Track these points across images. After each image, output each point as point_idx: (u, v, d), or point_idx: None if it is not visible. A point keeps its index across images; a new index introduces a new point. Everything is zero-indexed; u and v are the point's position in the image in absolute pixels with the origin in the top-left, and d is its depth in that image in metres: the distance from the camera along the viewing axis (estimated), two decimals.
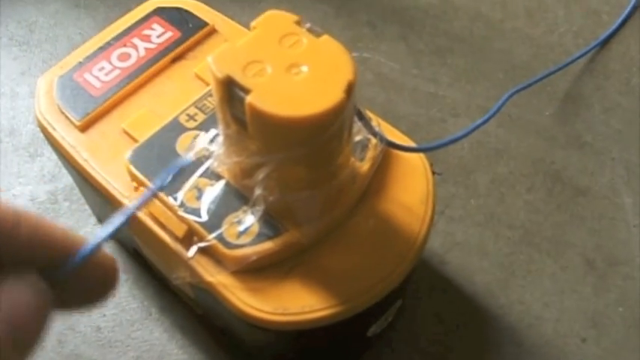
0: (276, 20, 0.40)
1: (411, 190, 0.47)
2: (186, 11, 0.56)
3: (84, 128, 0.50)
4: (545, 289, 0.59)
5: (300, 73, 0.37)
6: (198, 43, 0.55)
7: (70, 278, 0.29)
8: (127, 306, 0.58)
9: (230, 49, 0.38)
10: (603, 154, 0.67)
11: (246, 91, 0.36)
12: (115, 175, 0.48)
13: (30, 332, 0.27)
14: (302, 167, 0.40)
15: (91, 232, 0.62)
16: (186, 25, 0.55)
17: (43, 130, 0.52)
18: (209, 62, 0.38)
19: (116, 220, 0.32)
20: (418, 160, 0.48)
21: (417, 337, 0.57)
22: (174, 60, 0.54)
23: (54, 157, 0.67)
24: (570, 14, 0.78)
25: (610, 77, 0.73)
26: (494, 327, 0.57)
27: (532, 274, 0.60)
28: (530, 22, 0.78)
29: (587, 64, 0.74)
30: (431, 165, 0.48)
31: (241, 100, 0.37)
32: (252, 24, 0.40)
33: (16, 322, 0.27)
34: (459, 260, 0.60)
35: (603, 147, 0.68)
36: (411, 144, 0.48)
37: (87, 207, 0.63)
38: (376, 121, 0.45)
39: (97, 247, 0.30)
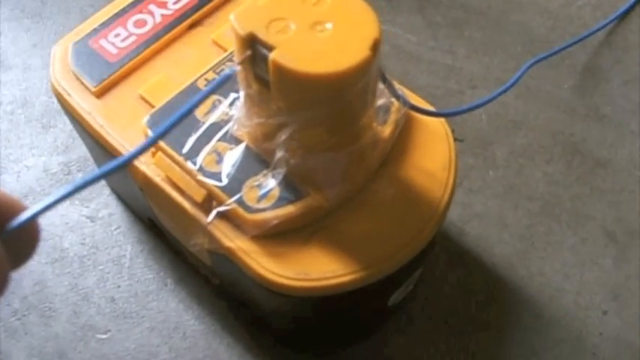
0: None
1: (433, 156, 0.46)
2: None
3: (100, 94, 0.50)
4: (566, 261, 0.58)
5: (325, 30, 0.37)
6: (216, 9, 0.54)
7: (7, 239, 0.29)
8: (142, 277, 0.58)
9: (253, 6, 0.38)
10: (622, 127, 0.66)
11: (270, 48, 0.36)
12: (132, 141, 0.47)
13: None
14: (324, 128, 0.39)
15: (104, 202, 0.61)
16: None
17: (59, 96, 0.51)
18: (231, 19, 0.37)
19: (69, 186, 0.31)
20: (440, 126, 0.47)
21: (435, 308, 0.56)
22: (191, 26, 0.53)
23: (67, 128, 0.66)
24: None
25: (629, 50, 0.72)
26: (515, 299, 0.57)
27: (552, 246, 0.59)
28: None
29: (606, 37, 0.73)
30: (452, 131, 0.47)
31: (264, 58, 0.36)
32: None
33: None
34: (478, 231, 0.60)
35: (622, 119, 0.67)
36: (432, 109, 0.47)
37: None
38: (398, 86, 0.44)
39: (47, 209, 0.30)
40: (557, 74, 0.70)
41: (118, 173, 0.49)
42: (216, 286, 0.55)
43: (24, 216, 0.29)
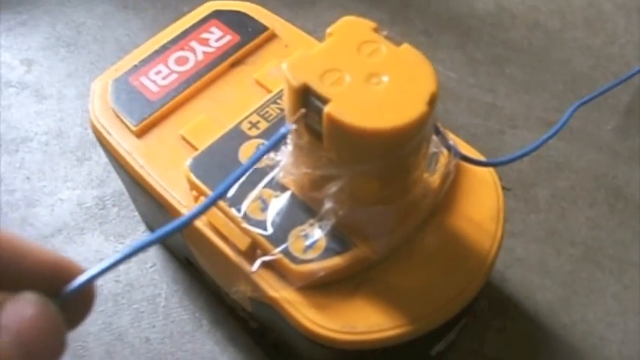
0: (353, 27, 0.38)
1: (481, 205, 0.45)
2: (245, 15, 0.55)
3: (140, 134, 0.49)
4: (609, 309, 0.57)
5: (381, 83, 0.36)
6: (258, 47, 0.53)
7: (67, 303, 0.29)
8: (177, 317, 0.57)
9: (306, 56, 0.37)
10: None
11: (325, 101, 0.35)
12: (173, 183, 0.46)
13: (41, 347, 0.26)
14: (377, 181, 0.38)
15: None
16: (246, 29, 0.54)
17: (98, 134, 0.50)
18: (284, 69, 0.36)
19: (128, 249, 0.30)
20: (487, 174, 0.46)
21: (476, 356, 0.55)
22: (234, 65, 0.52)
23: (102, 161, 0.65)
24: (631, 24, 0.76)
25: None
26: (556, 347, 0.55)
27: (595, 293, 0.58)
28: (589, 32, 0.76)
29: None
30: (500, 180, 0.46)
31: (318, 110, 0.35)
32: (328, 30, 0.38)
33: (25, 337, 0.26)
34: (519, 277, 0.58)
35: None
36: (480, 157, 0.46)
37: (136, 213, 0.62)
38: (448, 134, 0.43)
39: (104, 272, 0.29)
40: (599, 115, 0.69)
41: (158, 214, 0.48)
42: (254, 329, 0.54)
43: (81, 279, 0.29)
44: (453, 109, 0.69)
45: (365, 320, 0.40)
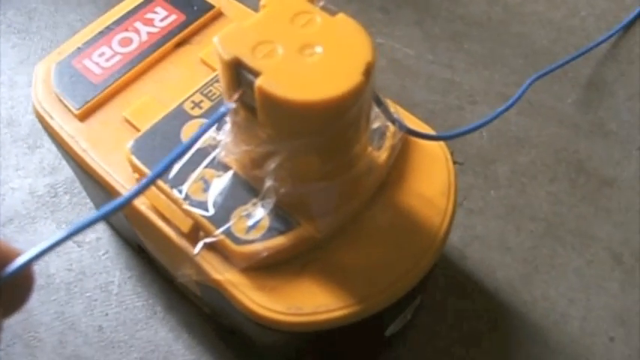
0: None
1: (431, 181, 0.44)
2: None
3: (83, 117, 0.48)
4: (571, 285, 0.56)
5: (314, 54, 0.34)
6: (204, 26, 0.52)
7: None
8: (130, 304, 0.56)
9: (238, 28, 0.36)
10: (629, 143, 0.64)
11: (256, 74, 0.34)
12: (116, 166, 0.45)
13: None
14: (316, 157, 0.37)
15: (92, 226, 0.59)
16: (191, 8, 0.52)
17: (41, 119, 0.49)
18: (215, 43, 0.35)
19: (64, 232, 0.29)
20: (438, 149, 0.45)
21: (435, 336, 0.54)
22: (179, 45, 0.51)
23: (54, 148, 0.64)
24: None
25: (634, 62, 0.70)
26: (517, 325, 0.54)
27: (556, 269, 0.57)
28: (550, 6, 0.75)
29: (611, 49, 0.71)
30: (452, 154, 0.45)
31: (250, 84, 0.34)
32: (262, 2, 0.37)
33: None
34: (479, 255, 0.57)
35: (628, 135, 0.65)
36: (431, 132, 0.45)
37: (88, 200, 0.61)
38: (394, 108, 0.42)
39: (38, 257, 0.28)
40: (560, 88, 0.68)
41: (104, 198, 0.47)
42: (207, 314, 0.53)
43: (18, 262, 0.27)
44: (410, 85, 0.68)
45: (311, 301, 0.39)
